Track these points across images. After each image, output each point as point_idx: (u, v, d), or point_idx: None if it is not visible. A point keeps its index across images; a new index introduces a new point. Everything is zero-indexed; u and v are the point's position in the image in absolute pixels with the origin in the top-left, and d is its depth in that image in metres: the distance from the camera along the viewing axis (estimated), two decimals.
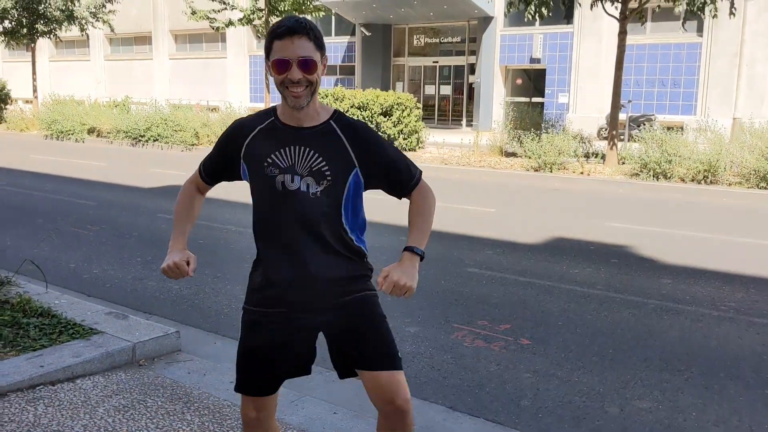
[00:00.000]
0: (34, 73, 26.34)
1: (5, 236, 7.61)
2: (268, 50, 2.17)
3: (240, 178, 2.35)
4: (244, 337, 2.34)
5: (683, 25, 15.12)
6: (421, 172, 2.37)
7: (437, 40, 27.88)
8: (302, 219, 2.20)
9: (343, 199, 2.24)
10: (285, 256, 2.24)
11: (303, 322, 2.29)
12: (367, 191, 2.33)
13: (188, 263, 2.26)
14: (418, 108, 17.30)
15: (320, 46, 2.15)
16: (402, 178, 2.32)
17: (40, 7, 23.83)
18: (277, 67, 2.11)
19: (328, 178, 2.20)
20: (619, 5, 13.96)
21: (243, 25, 19.21)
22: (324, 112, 2.26)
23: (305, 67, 2.11)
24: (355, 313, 2.29)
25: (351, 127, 2.25)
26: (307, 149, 2.20)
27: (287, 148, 2.21)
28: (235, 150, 2.28)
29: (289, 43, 2.10)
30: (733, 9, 13.54)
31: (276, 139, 2.22)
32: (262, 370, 2.31)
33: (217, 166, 2.38)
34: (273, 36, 2.13)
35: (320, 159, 2.20)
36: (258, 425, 2.37)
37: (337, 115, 2.27)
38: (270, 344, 2.29)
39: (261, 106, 24.95)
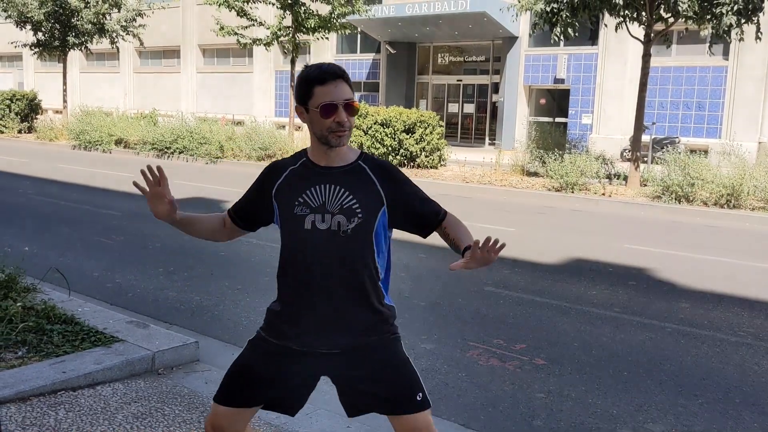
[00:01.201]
0: (64, 84, 26.84)
1: (32, 244, 7.77)
2: (306, 95, 2.22)
3: (272, 220, 2.38)
4: (242, 354, 2.37)
5: (710, 49, 15.03)
6: (446, 211, 2.37)
7: (461, 59, 27.99)
8: (331, 258, 2.22)
9: (373, 236, 2.27)
10: (312, 296, 2.26)
11: (311, 364, 2.31)
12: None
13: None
14: (441, 126, 17.35)
15: (352, 90, 2.25)
16: (427, 212, 2.33)
17: (72, 20, 24.33)
18: (326, 111, 2.17)
19: (359, 215, 2.22)
20: (645, 27, 13.97)
21: (269, 43, 19.45)
22: (352, 153, 2.32)
23: (350, 110, 2.20)
24: (378, 357, 2.30)
25: (379, 166, 2.32)
26: (338, 187, 2.24)
27: (318, 187, 2.25)
28: (268, 190, 2.33)
29: (333, 88, 2.17)
30: (759, 33, 13.49)
31: (307, 179, 2.27)
32: (244, 388, 2.32)
33: (251, 206, 2.40)
34: (314, 82, 2.19)
35: (350, 197, 2.23)
36: None
37: (365, 156, 2.34)
38: (266, 371, 2.31)
39: (285, 120, 25.20)
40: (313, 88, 2.19)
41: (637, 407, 4.06)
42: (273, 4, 18.95)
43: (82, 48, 25.92)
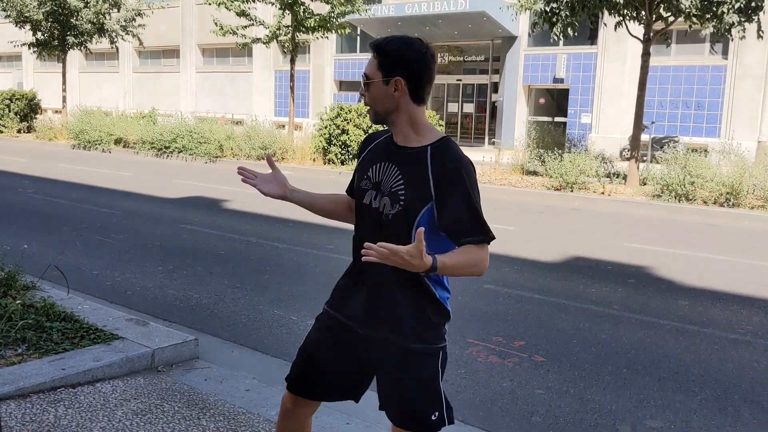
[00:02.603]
0: (64, 83, 26.85)
1: (32, 242, 7.78)
2: None
3: None
4: (311, 330, 2.37)
5: (712, 48, 15.01)
6: (488, 239, 2.09)
7: (461, 59, 28.00)
8: (376, 239, 2.06)
9: (413, 228, 2.08)
10: (363, 273, 2.22)
11: (355, 343, 2.26)
12: None
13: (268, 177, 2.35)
14: (441, 125, 17.37)
15: (384, 66, 2.09)
16: (461, 229, 2.07)
17: (72, 20, 24.33)
18: None
19: (401, 202, 2.09)
20: (644, 27, 13.98)
21: (268, 42, 19.44)
22: (431, 135, 2.15)
23: (365, 85, 2.15)
24: (407, 365, 2.16)
25: (443, 158, 2.09)
26: (395, 168, 2.14)
27: (381, 164, 2.18)
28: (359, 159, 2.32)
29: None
30: (760, 31, 13.49)
31: (380, 154, 2.22)
32: (308, 369, 2.31)
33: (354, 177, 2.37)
34: None
35: (401, 181, 2.11)
36: (290, 417, 2.39)
37: (440, 143, 2.13)
38: (324, 346, 2.29)
39: (285, 119, 25.20)
40: None
41: (635, 403, 4.07)
42: (272, 4, 18.94)
43: (82, 48, 25.94)
